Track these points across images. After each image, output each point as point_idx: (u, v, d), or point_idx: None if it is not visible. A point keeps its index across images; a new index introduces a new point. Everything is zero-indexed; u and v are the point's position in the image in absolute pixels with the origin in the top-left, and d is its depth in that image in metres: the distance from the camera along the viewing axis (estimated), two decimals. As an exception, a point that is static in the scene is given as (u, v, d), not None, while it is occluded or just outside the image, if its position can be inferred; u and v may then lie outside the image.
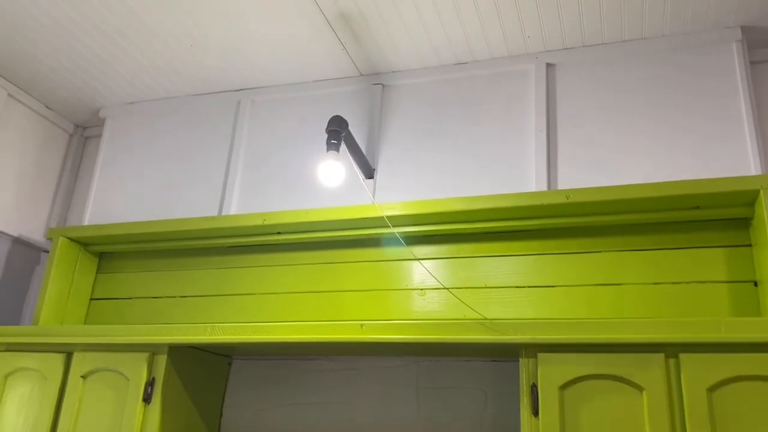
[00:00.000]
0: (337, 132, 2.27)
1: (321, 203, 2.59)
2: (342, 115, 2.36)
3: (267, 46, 2.61)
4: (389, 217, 2.31)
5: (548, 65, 2.51)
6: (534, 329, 1.82)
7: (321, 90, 2.80)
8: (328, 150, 2.25)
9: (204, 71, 2.81)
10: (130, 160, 3.01)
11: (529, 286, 2.24)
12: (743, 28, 2.29)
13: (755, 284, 2.02)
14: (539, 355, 1.83)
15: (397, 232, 2.34)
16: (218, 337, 2.16)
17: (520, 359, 1.87)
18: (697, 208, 2.08)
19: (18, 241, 2.98)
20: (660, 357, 1.73)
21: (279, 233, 2.54)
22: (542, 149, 2.37)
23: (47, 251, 3.04)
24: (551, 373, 1.80)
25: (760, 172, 2.11)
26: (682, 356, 1.72)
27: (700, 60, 2.32)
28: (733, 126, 2.20)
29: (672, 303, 2.07)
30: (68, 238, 2.78)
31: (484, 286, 2.29)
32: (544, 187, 2.32)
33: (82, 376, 2.31)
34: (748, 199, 2.00)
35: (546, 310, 2.19)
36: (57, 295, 2.71)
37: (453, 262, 2.35)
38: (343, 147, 2.32)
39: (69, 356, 2.37)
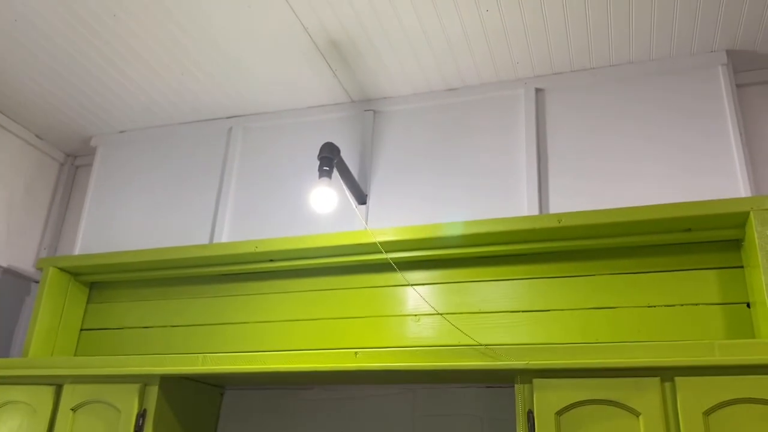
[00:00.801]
0: (329, 158, 2.28)
1: (313, 230, 2.59)
2: (334, 142, 2.37)
3: (258, 74, 2.63)
4: (382, 243, 2.31)
5: (537, 90, 2.53)
6: (529, 354, 1.82)
7: (312, 117, 2.81)
8: (320, 177, 2.25)
9: (195, 99, 2.82)
10: (121, 188, 3.01)
11: (522, 311, 2.24)
12: (728, 52, 2.33)
13: (748, 306, 2.02)
14: (535, 380, 1.82)
15: (390, 258, 2.33)
16: (210, 367, 2.14)
17: (516, 385, 1.86)
18: (689, 230, 2.09)
19: (7, 272, 2.95)
20: (656, 381, 1.73)
21: (271, 260, 2.53)
22: (533, 173, 2.39)
23: (37, 281, 3.01)
24: (547, 398, 1.79)
25: (749, 194, 2.12)
26: (678, 380, 1.72)
27: (687, 83, 2.35)
28: (721, 148, 2.22)
29: (666, 326, 2.07)
30: (58, 268, 2.75)
31: (478, 311, 2.28)
32: (535, 211, 2.32)
33: (72, 409, 2.28)
34: (739, 220, 2.01)
35: (540, 335, 2.18)
36: (47, 326, 2.68)
37: (446, 288, 2.35)
38: (335, 173, 2.33)
39: (59, 388, 2.33)
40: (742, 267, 2.07)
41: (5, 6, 2.29)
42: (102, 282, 2.87)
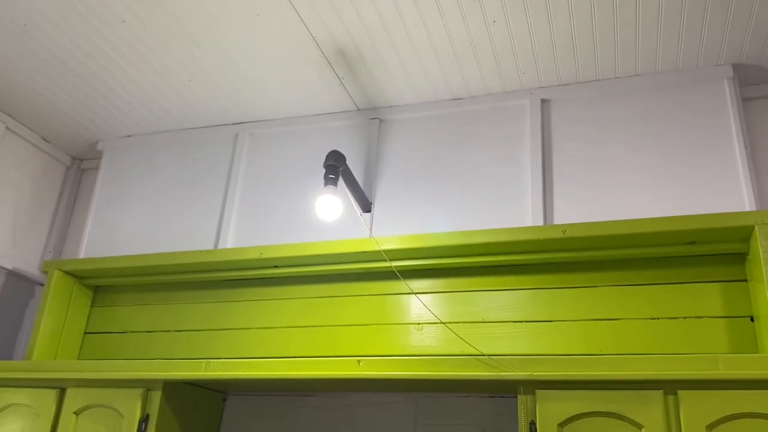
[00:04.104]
0: (335, 167, 2.28)
1: (318, 237, 2.59)
2: (339, 149, 2.38)
3: (265, 81, 2.64)
4: (386, 251, 2.31)
5: (543, 101, 2.54)
6: (533, 365, 1.82)
7: (318, 124, 2.82)
8: (326, 185, 2.26)
9: (202, 105, 2.83)
10: (126, 192, 3.02)
11: (526, 321, 2.24)
12: (734, 66, 2.33)
13: (752, 319, 2.02)
14: (538, 391, 1.82)
15: (394, 266, 2.33)
16: (214, 373, 2.14)
17: (519, 396, 1.86)
18: (693, 243, 2.09)
19: (12, 274, 2.96)
20: (659, 394, 1.73)
21: (276, 267, 2.54)
22: (538, 184, 2.39)
23: (42, 284, 3.02)
24: (550, 410, 1.79)
25: (753, 208, 2.12)
26: (681, 393, 1.72)
27: (693, 97, 2.36)
28: (726, 162, 2.22)
29: (669, 338, 2.07)
30: (63, 271, 2.76)
31: (481, 320, 2.28)
32: (540, 222, 2.33)
33: (75, 413, 2.28)
34: (744, 234, 2.01)
35: (543, 346, 2.18)
36: (51, 329, 2.69)
37: (450, 297, 2.35)
38: (340, 181, 2.34)
39: (62, 392, 2.34)
40: (745, 280, 2.07)
41: (16, 11, 2.31)
42: (106, 285, 2.87)
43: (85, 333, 2.83)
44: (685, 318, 2.09)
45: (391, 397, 2.37)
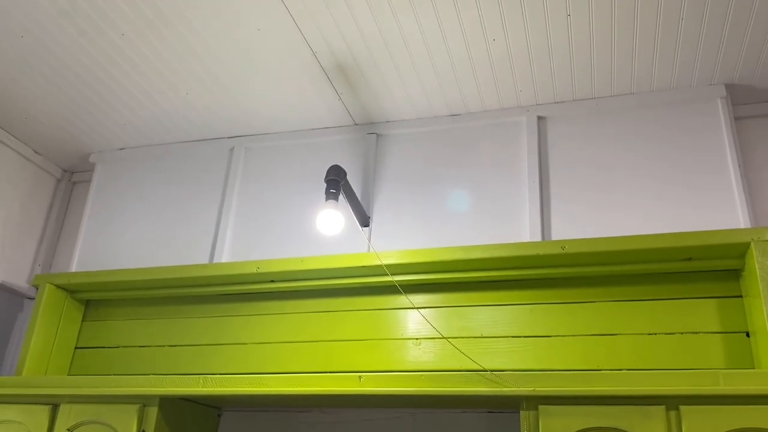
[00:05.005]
0: (336, 181, 2.29)
1: (314, 251, 2.58)
2: (337, 164, 2.38)
3: (262, 95, 2.64)
4: (386, 266, 2.31)
5: (539, 118, 2.56)
6: (535, 381, 1.82)
7: (315, 138, 2.82)
8: (327, 199, 2.26)
9: (197, 118, 2.82)
10: (119, 206, 2.99)
11: (524, 336, 2.25)
12: (727, 86, 2.38)
13: (747, 335, 2.05)
14: (541, 407, 1.82)
15: (396, 281, 2.33)
16: (211, 388, 2.12)
17: (521, 411, 1.86)
18: (690, 259, 2.12)
19: (1, 288, 2.91)
20: (661, 409, 1.74)
21: (273, 281, 2.52)
22: (536, 199, 2.41)
23: (32, 298, 2.97)
24: (553, 425, 1.80)
25: (748, 225, 2.16)
26: (683, 408, 1.73)
27: (687, 115, 2.40)
28: (720, 180, 2.26)
29: (666, 354, 2.09)
30: (54, 285, 2.72)
31: (479, 335, 2.29)
32: (538, 237, 2.34)
33: (69, 429, 2.24)
34: (739, 251, 2.04)
35: (541, 361, 2.19)
36: (42, 343, 2.64)
37: (449, 311, 2.35)
38: (340, 196, 2.34)
39: (55, 408, 2.30)
40: (741, 296, 2.10)
41: (13, 23, 2.29)
42: (98, 300, 2.83)
43: (76, 348, 2.78)
44: (682, 333, 2.11)
45: (389, 412, 2.36)
